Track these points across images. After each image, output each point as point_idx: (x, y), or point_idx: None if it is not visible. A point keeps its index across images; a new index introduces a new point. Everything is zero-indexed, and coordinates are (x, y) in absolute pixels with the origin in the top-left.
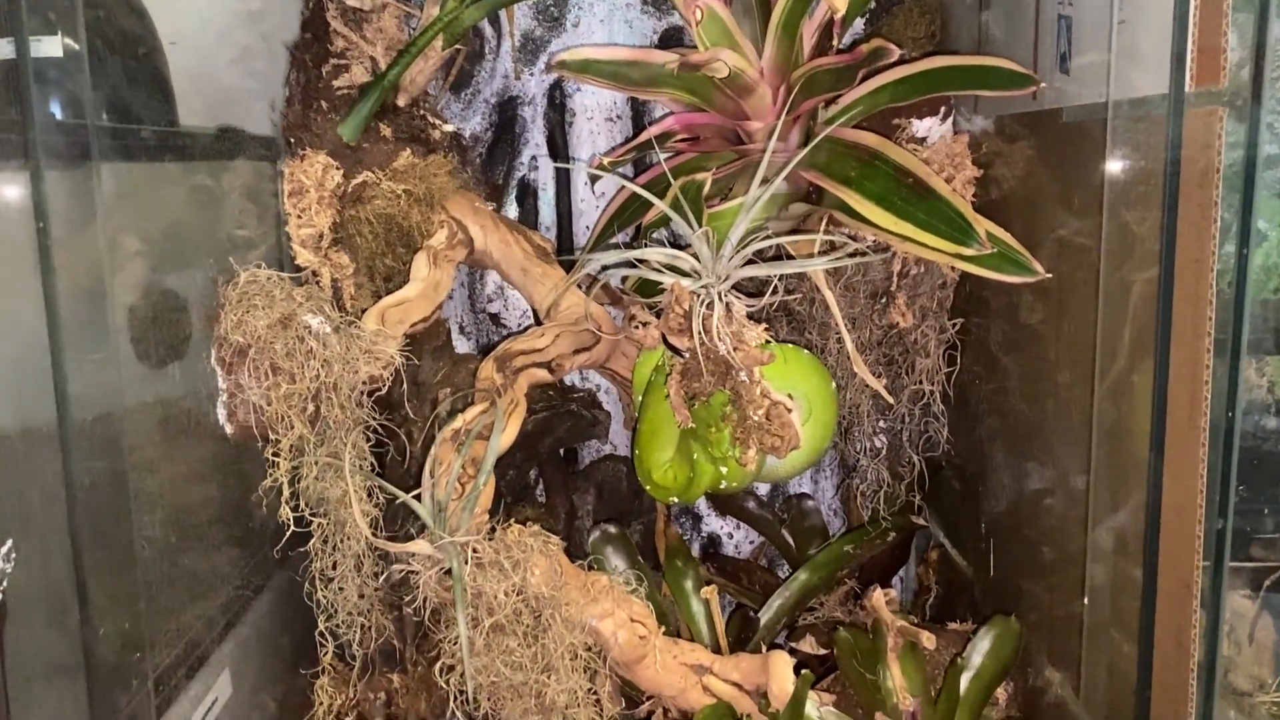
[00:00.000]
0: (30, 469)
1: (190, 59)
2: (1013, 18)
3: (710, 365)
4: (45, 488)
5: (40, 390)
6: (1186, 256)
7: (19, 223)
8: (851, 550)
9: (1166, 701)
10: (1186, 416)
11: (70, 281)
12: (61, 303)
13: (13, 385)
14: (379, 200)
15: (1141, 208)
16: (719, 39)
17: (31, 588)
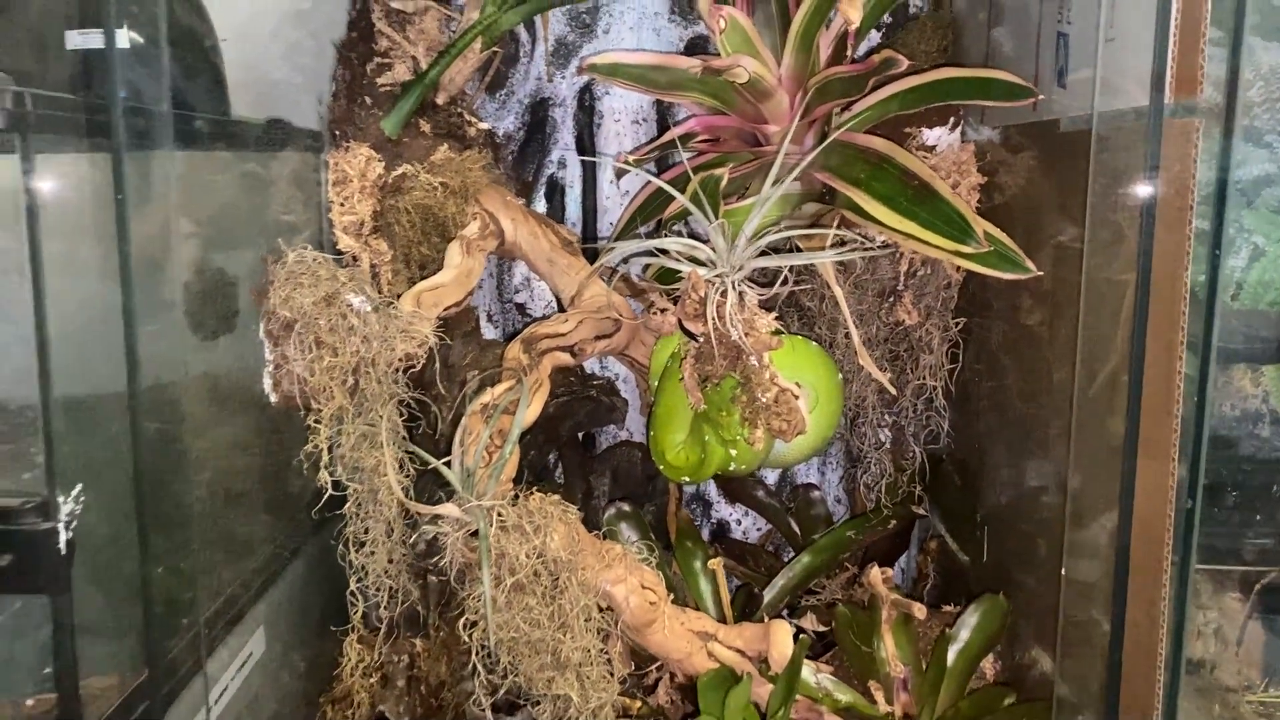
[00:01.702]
0: (100, 425)
1: (243, 53)
2: (1018, 34)
3: (723, 350)
4: (112, 442)
5: (110, 355)
6: (1163, 261)
7: (101, 201)
8: (854, 535)
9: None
10: (1160, 410)
11: (140, 257)
12: (134, 275)
13: (87, 349)
14: (417, 191)
15: (1122, 213)
16: (741, 47)
17: (99, 529)
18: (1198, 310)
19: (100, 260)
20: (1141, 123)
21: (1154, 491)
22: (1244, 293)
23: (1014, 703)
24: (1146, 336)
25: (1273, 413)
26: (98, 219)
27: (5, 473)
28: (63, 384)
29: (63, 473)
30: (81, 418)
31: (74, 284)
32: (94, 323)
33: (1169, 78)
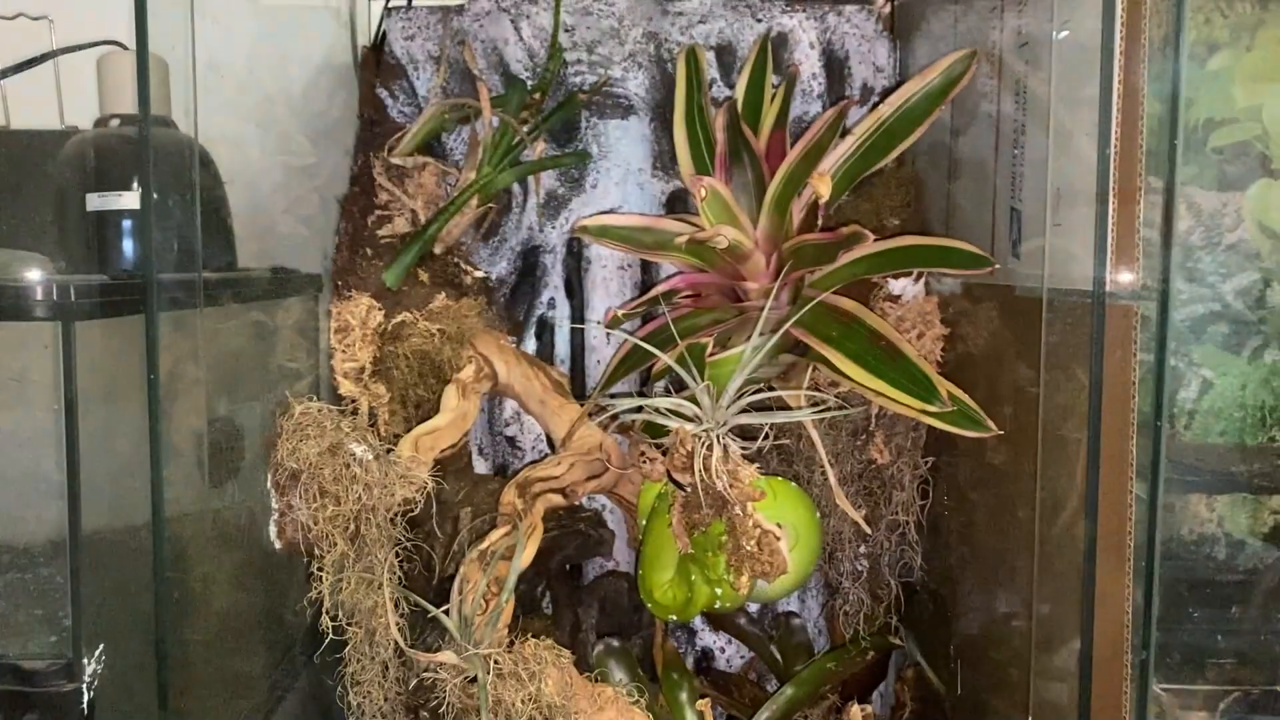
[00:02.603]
0: (119, 576)
1: (248, 206)
2: (974, 199)
3: (709, 499)
4: (129, 591)
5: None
6: (1110, 430)
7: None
8: (834, 667)
9: None
10: (1115, 552)
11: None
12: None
13: (111, 497)
14: (416, 338)
15: (1072, 381)
16: (720, 214)
17: (117, 683)
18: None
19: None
20: (1085, 302)
21: (1111, 623)
22: (1195, 424)
23: None
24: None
25: (1228, 537)
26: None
27: (35, 636)
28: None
29: (87, 633)
30: (101, 569)
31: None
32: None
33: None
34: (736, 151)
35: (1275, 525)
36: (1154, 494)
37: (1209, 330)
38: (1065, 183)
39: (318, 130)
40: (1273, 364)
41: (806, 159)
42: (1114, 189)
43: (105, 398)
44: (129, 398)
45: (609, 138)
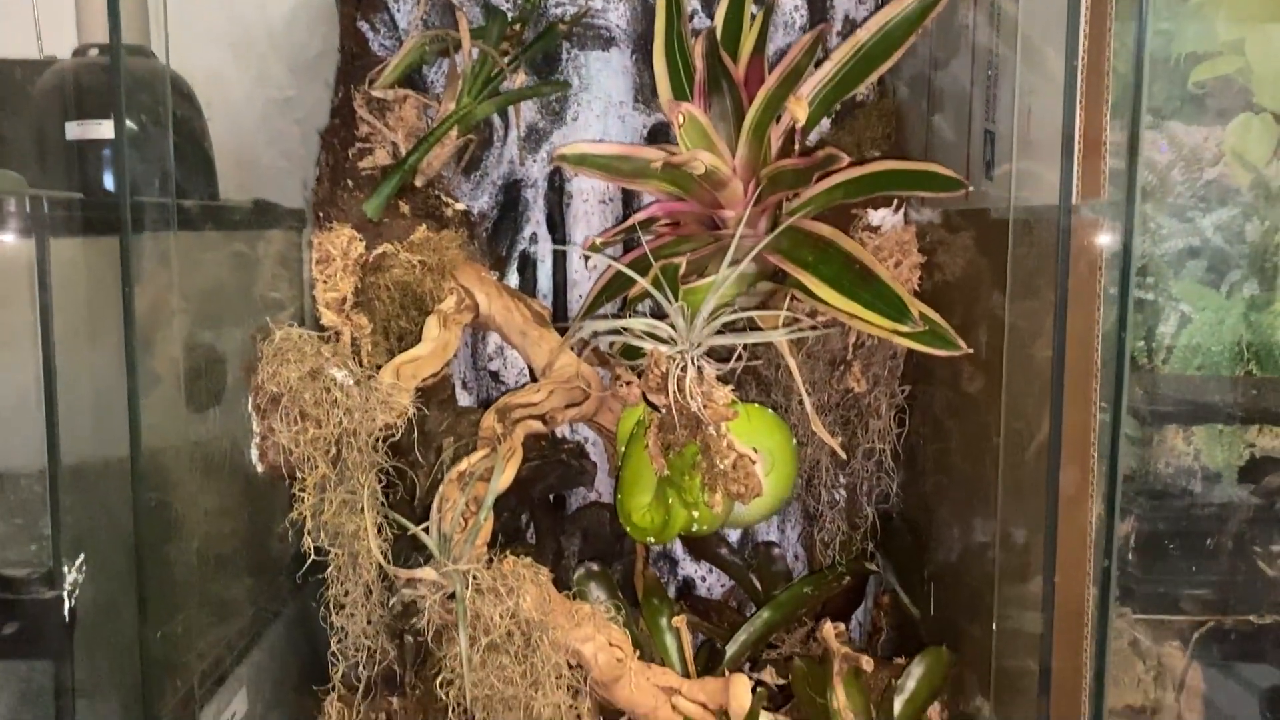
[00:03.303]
0: (101, 496)
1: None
2: (953, 126)
3: (683, 420)
4: (112, 512)
5: (113, 426)
6: (1075, 338)
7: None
8: (811, 592)
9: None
10: (1079, 472)
11: (143, 335)
12: (139, 353)
13: (91, 419)
14: (397, 269)
15: (1038, 299)
16: (698, 140)
17: (99, 596)
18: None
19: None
20: (1052, 218)
21: (1074, 543)
22: (1174, 357)
23: None
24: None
25: (1204, 469)
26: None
27: (14, 544)
28: (66, 454)
29: (67, 543)
30: (83, 487)
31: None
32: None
33: (1075, 181)
34: (715, 80)
35: (1252, 458)
36: (1118, 400)
37: (1188, 265)
38: (1035, 103)
39: (299, 63)
40: (1251, 298)
41: (784, 85)
42: (1081, 104)
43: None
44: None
45: (590, 70)
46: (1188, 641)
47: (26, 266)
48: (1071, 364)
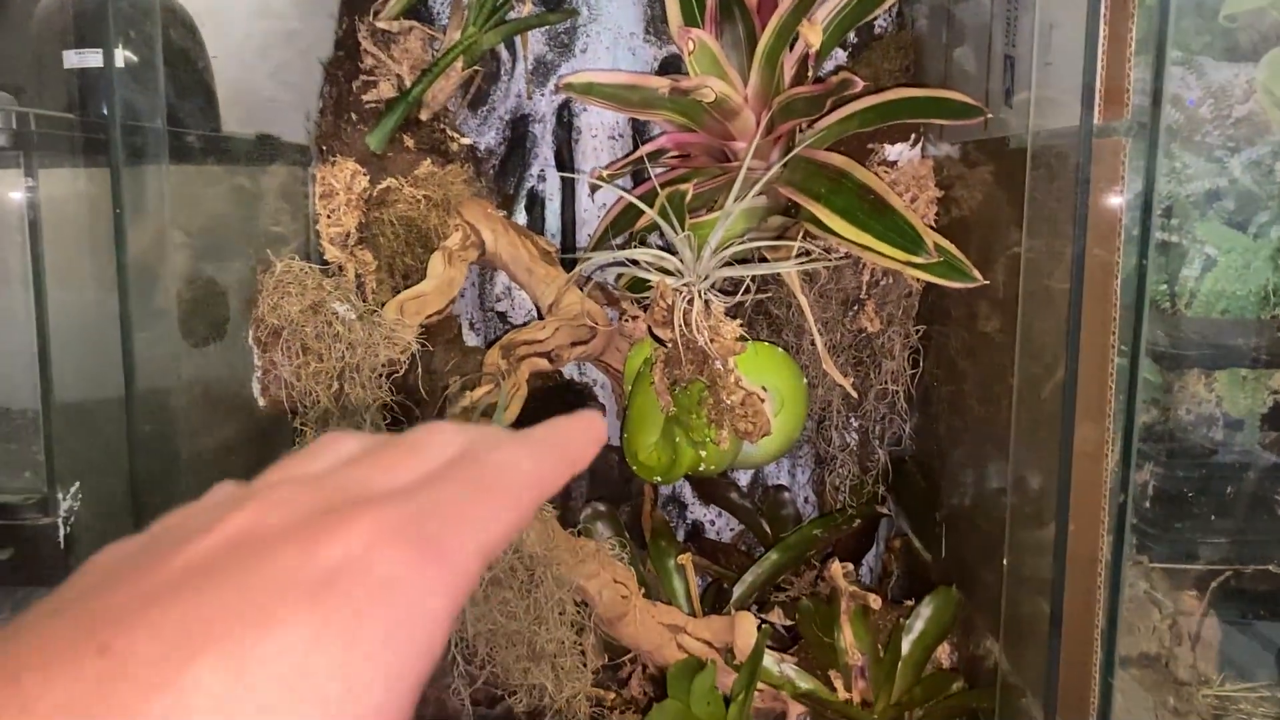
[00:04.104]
0: (97, 427)
1: (233, 72)
2: (974, 55)
3: (690, 355)
4: (108, 444)
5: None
6: (1094, 269)
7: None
8: (820, 534)
9: (1074, 662)
10: (1094, 408)
11: (136, 266)
12: (131, 284)
13: (86, 354)
14: (401, 204)
15: (1056, 233)
16: (709, 68)
17: (95, 525)
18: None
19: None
20: (1073, 142)
21: (1089, 485)
22: (1197, 301)
23: (963, 687)
24: (1080, 339)
25: (1225, 416)
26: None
27: (8, 471)
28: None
29: (62, 471)
30: (80, 420)
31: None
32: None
33: (1097, 99)
34: (727, 6)
35: (1275, 405)
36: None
37: (1215, 206)
38: (1056, 19)
39: None
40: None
41: (797, 10)
42: (1105, 18)
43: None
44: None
45: (599, 0)
46: (1204, 591)
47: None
48: (1089, 302)
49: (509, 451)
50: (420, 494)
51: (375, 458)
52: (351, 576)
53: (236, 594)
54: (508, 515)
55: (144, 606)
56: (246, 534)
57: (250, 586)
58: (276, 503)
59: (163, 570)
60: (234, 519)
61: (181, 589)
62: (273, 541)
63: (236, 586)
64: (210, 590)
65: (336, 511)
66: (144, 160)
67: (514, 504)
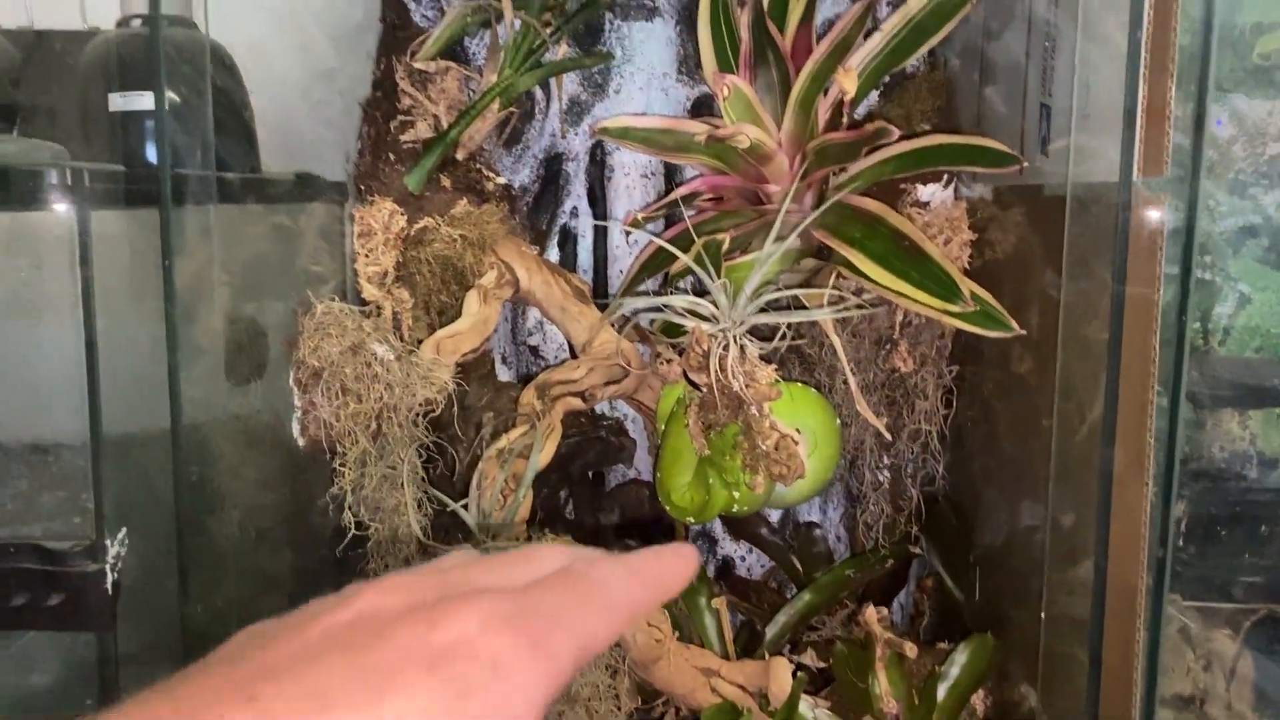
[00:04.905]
0: (143, 468)
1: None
2: (1007, 97)
3: (725, 400)
4: (153, 484)
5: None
6: (1133, 320)
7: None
8: (853, 574)
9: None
10: (1133, 458)
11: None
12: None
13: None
14: (438, 243)
15: (1094, 278)
16: (743, 113)
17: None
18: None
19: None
20: (1111, 195)
21: (1128, 534)
22: (1231, 339)
23: None
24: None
25: (1260, 455)
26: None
27: (59, 516)
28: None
29: (109, 515)
30: (126, 460)
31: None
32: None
33: (1136, 158)
34: (761, 50)
35: None
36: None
37: (1248, 244)
38: (1095, 75)
39: (340, 34)
40: None
41: (832, 56)
42: (1144, 77)
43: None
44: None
45: (633, 41)
46: (1239, 629)
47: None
48: (1128, 346)
49: (608, 570)
50: (529, 594)
51: (489, 563)
52: (463, 656)
53: (363, 662)
54: (603, 627)
55: (288, 665)
56: (373, 612)
57: (374, 656)
58: (399, 587)
59: (301, 638)
60: (363, 598)
61: (319, 653)
62: (394, 619)
63: (363, 655)
64: (340, 656)
65: (452, 598)
66: (191, 203)
67: (608, 618)
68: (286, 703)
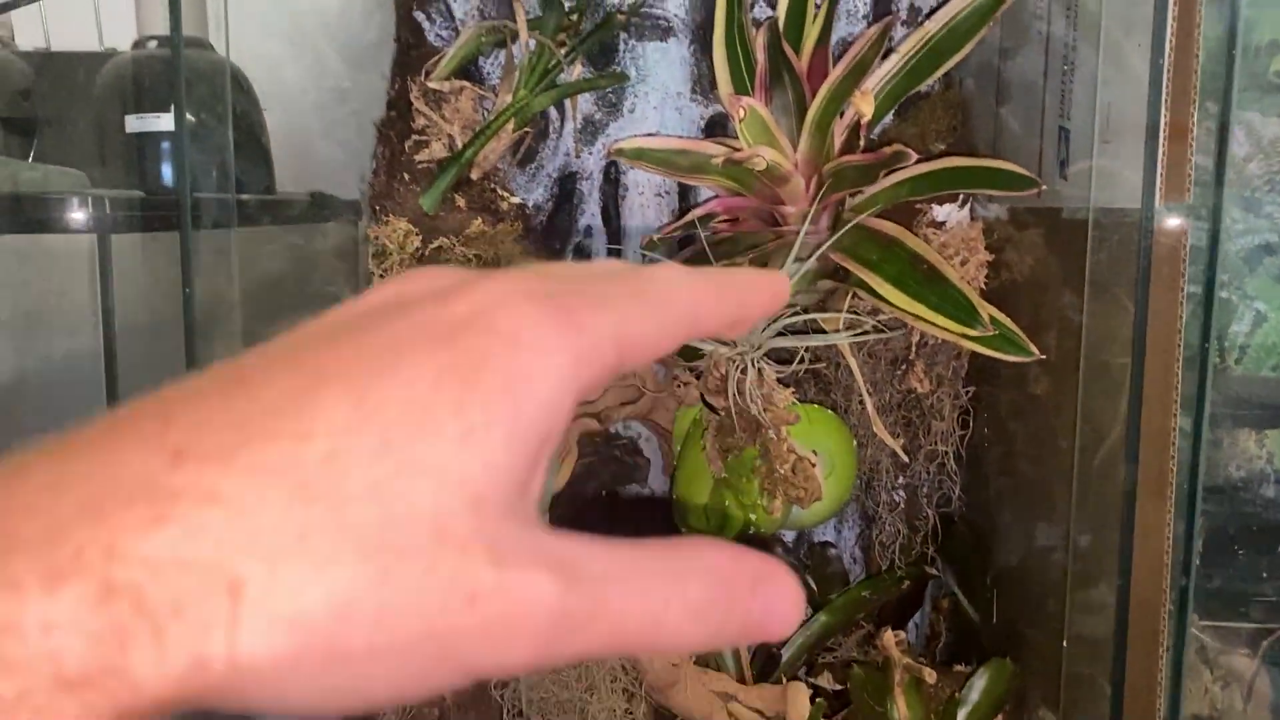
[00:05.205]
0: None
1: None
2: (1024, 118)
3: (742, 423)
4: None
5: None
6: (1155, 344)
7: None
8: (869, 595)
9: None
10: (1156, 480)
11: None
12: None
13: None
14: (452, 263)
15: (1115, 301)
16: (759, 135)
17: None
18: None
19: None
20: (1132, 220)
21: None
22: (1247, 358)
23: None
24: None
25: (1277, 474)
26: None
27: None
28: None
29: None
30: None
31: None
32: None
33: (1159, 181)
34: (777, 72)
35: None
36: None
37: (1265, 262)
38: (1115, 99)
39: (354, 54)
40: None
41: (849, 78)
42: (1166, 102)
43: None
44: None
45: (647, 60)
46: (1256, 650)
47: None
48: (1150, 369)
49: (673, 272)
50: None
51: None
52: (477, 327)
53: (369, 340)
54: (655, 325)
55: (285, 352)
56: (392, 297)
57: (383, 335)
58: (424, 274)
59: (308, 329)
60: (383, 287)
61: (321, 338)
62: (412, 301)
63: (371, 335)
64: (346, 337)
65: (477, 278)
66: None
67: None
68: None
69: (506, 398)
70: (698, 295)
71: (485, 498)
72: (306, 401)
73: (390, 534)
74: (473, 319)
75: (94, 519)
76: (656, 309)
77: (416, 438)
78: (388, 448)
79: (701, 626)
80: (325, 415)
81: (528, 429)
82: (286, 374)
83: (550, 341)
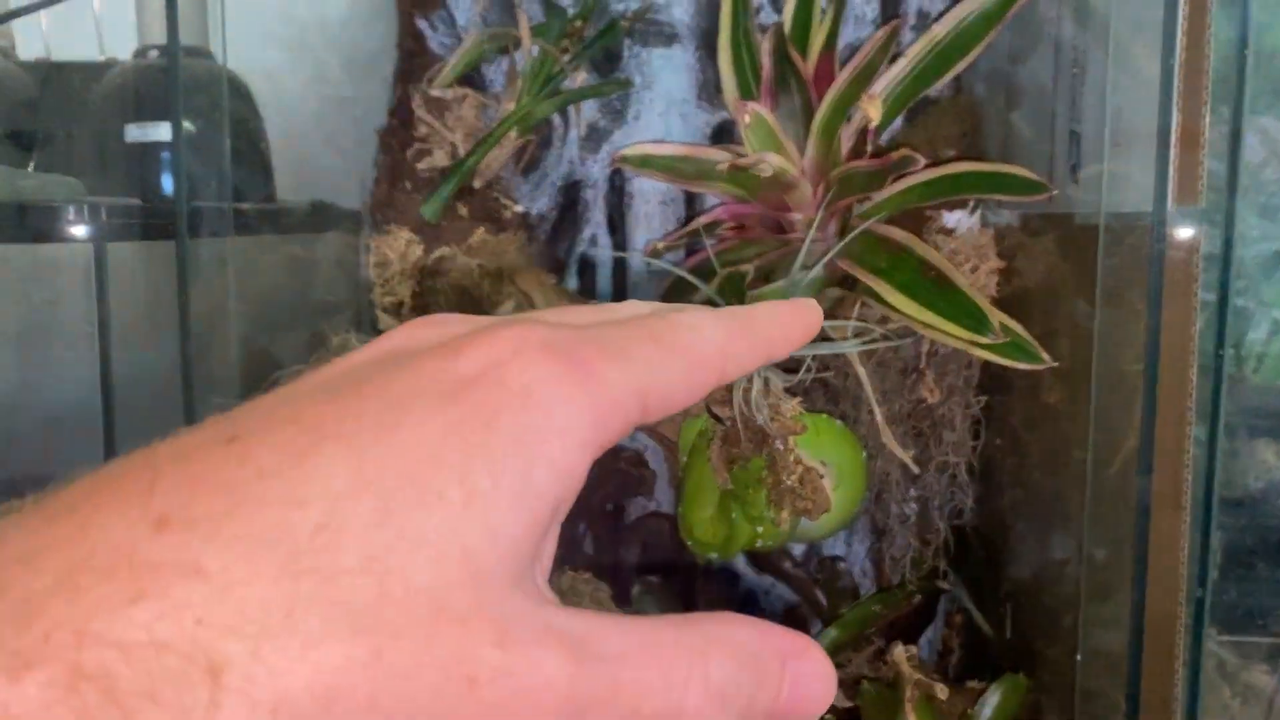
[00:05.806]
0: None
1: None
2: (1034, 122)
3: (749, 433)
4: None
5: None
6: (1169, 351)
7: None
8: (879, 610)
9: None
10: (1171, 491)
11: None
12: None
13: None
14: (455, 273)
15: (1127, 308)
16: (765, 141)
17: None
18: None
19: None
20: (1144, 224)
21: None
22: (1264, 366)
23: None
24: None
25: None
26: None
27: None
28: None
29: None
30: None
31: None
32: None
33: (1171, 186)
34: (783, 77)
35: None
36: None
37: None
38: (1126, 103)
39: (355, 61)
40: None
41: (856, 83)
42: (1178, 103)
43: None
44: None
45: (652, 67)
46: (1276, 664)
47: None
48: (1164, 378)
49: (699, 315)
50: (586, 328)
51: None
52: (487, 382)
53: (372, 394)
54: (680, 373)
55: (285, 405)
56: (399, 347)
57: (386, 389)
58: (434, 322)
59: (311, 379)
60: (392, 335)
61: (322, 390)
62: (419, 352)
63: (374, 387)
64: (349, 390)
65: (488, 327)
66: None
67: (689, 363)
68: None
69: (515, 460)
70: (727, 340)
71: (489, 570)
72: (301, 463)
73: (385, 611)
74: (482, 373)
75: (69, 595)
76: (682, 357)
77: (416, 505)
78: (386, 516)
79: (726, 709)
80: (321, 480)
81: (538, 494)
82: (283, 429)
83: (566, 397)
